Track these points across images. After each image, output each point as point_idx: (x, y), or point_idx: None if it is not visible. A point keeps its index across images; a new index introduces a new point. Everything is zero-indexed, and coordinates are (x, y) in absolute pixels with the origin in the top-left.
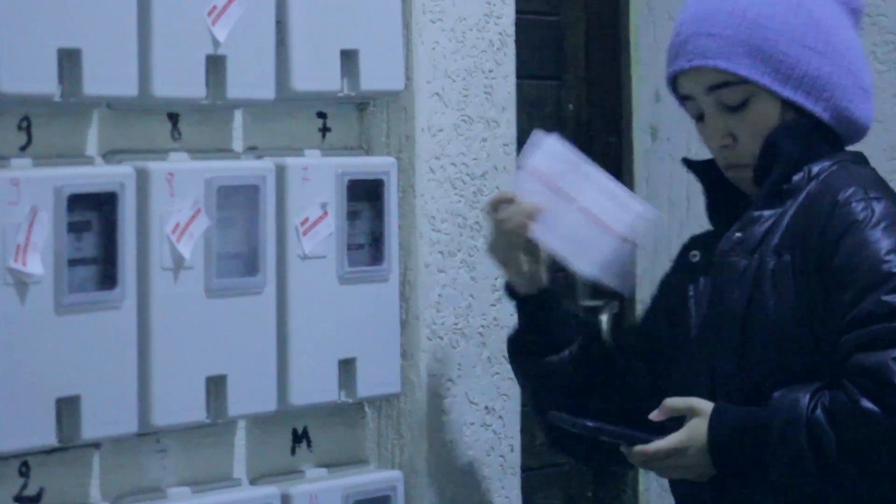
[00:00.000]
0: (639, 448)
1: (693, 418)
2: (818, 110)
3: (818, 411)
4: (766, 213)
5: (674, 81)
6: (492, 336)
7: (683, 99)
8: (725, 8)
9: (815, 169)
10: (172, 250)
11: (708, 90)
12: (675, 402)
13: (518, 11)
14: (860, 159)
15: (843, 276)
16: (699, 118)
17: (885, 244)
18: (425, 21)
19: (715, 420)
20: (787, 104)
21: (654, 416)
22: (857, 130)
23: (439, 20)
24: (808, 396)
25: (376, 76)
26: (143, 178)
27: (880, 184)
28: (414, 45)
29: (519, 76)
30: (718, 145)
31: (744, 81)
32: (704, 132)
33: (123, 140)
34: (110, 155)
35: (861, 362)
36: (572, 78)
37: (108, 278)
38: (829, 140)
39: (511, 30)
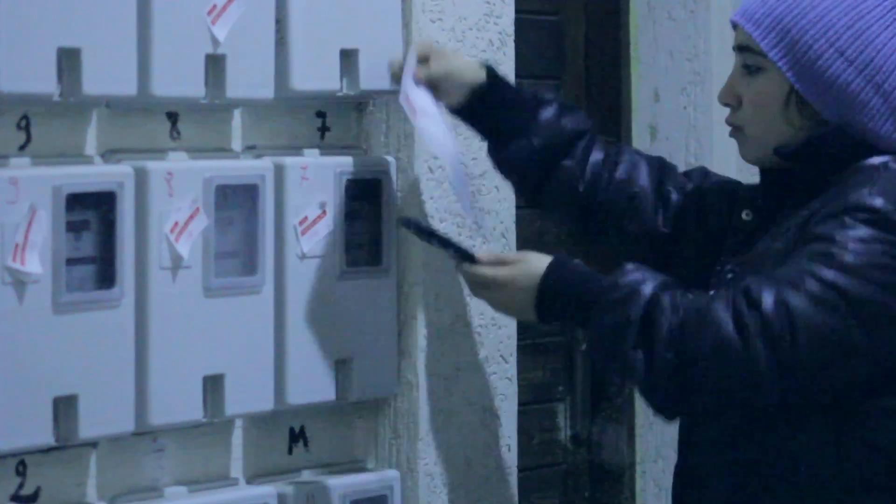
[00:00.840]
0: (465, 266)
1: (528, 259)
2: (828, 115)
3: (666, 294)
4: (799, 210)
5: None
6: (489, 336)
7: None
8: None
9: (858, 167)
10: (171, 249)
11: (738, 48)
12: (502, 255)
13: (517, 11)
14: None
15: (803, 244)
16: None
17: (849, 234)
18: (425, 20)
19: (554, 265)
20: (796, 94)
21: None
22: (884, 147)
23: (439, 20)
24: (659, 279)
25: (376, 75)
26: (141, 177)
27: None
28: (413, 44)
29: (518, 75)
30: (722, 102)
31: (764, 54)
32: None
33: (122, 139)
34: (109, 154)
35: (747, 284)
36: (571, 77)
37: (106, 277)
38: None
39: (510, 29)
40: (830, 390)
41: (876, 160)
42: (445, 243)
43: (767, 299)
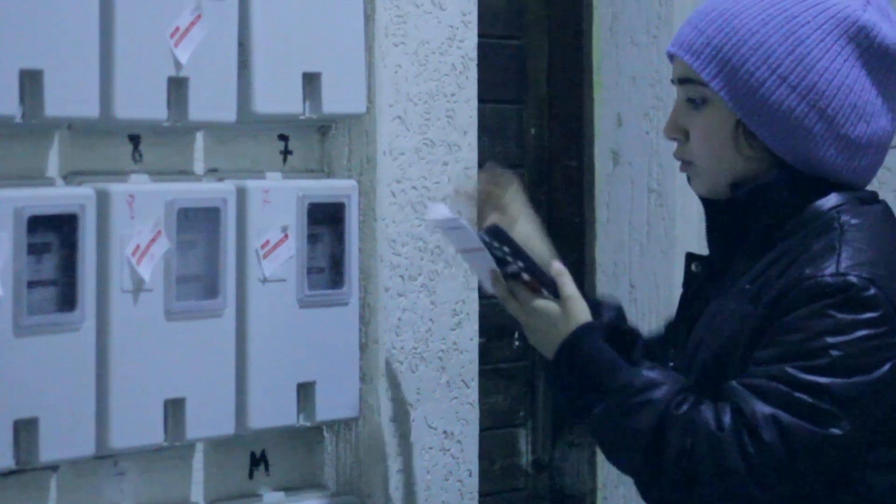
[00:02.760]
0: (511, 283)
1: (570, 305)
2: (772, 143)
3: (680, 407)
4: (752, 263)
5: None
6: (451, 360)
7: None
8: (721, 8)
9: (810, 214)
10: (132, 272)
11: (678, 81)
12: (563, 282)
13: (481, 35)
14: (866, 200)
15: (779, 333)
16: None
17: (825, 324)
18: (388, 44)
19: (579, 333)
20: (743, 124)
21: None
22: (840, 182)
23: (402, 44)
24: (674, 384)
25: (338, 99)
26: (103, 199)
27: (873, 243)
28: (376, 68)
29: (481, 100)
30: (668, 136)
31: (706, 85)
32: None
33: (84, 162)
34: (71, 176)
35: (753, 407)
36: (534, 102)
37: (67, 300)
38: (824, 189)
39: (473, 54)
40: (827, 485)
41: (826, 204)
42: (528, 266)
43: (767, 427)
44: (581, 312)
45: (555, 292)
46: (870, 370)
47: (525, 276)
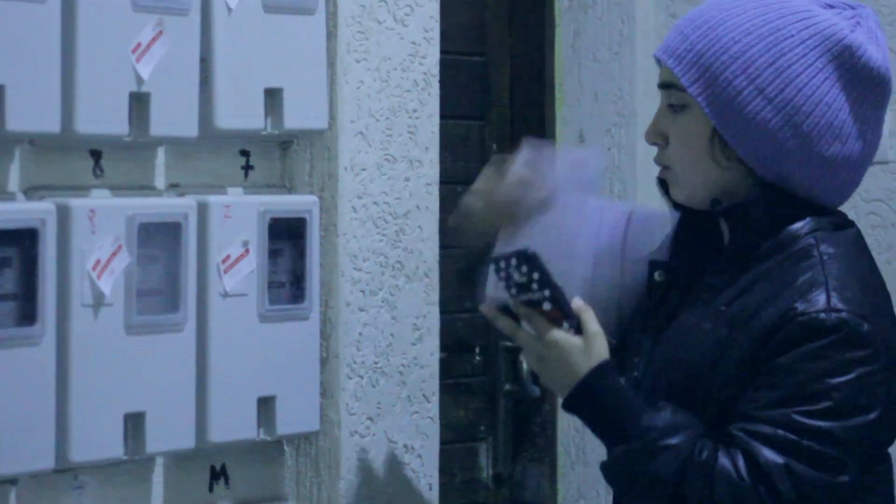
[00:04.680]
0: (529, 310)
1: (592, 345)
2: (746, 155)
3: (701, 455)
4: (727, 283)
5: None
6: (412, 375)
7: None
8: (706, 15)
9: (786, 237)
10: (93, 287)
11: (662, 85)
12: (588, 318)
13: (443, 51)
14: (840, 225)
15: (778, 374)
16: None
17: (824, 366)
18: (350, 60)
19: (600, 372)
20: (719, 135)
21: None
22: (812, 200)
23: (364, 59)
24: (689, 428)
25: (300, 115)
26: (64, 214)
27: (853, 269)
28: (338, 84)
29: (443, 116)
30: (649, 141)
31: (685, 89)
32: None
33: (45, 176)
34: (32, 191)
35: (766, 458)
36: (496, 118)
37: (27, 314)
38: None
39: (435, 70)
40: None
41: (802, 228)
42: (556, 294)
43: (781, 479)
44: (603, 351)
45: (577, 327)
46: (868, 409)
47: (546, 307)
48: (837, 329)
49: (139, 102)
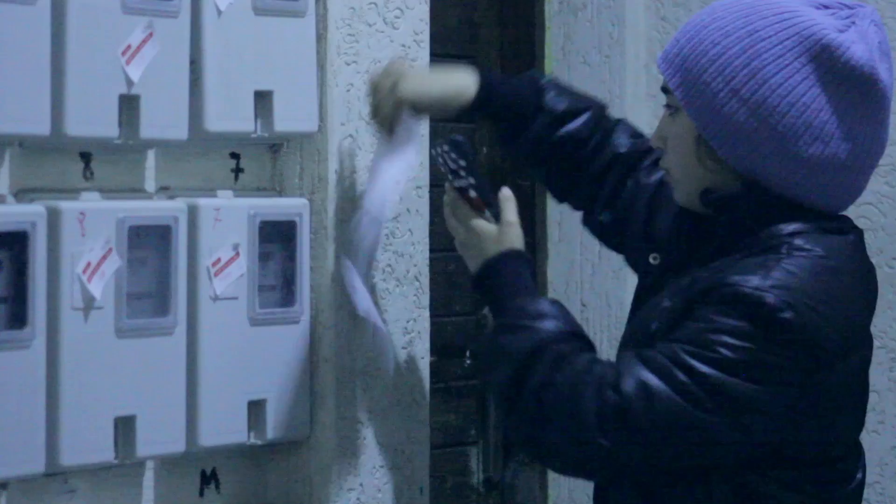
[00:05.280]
0: (455, 196)
1: (505, 230)
2: (727, 157)
3: (558, 345)
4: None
5: None
6: (402, 379)
7: None
8: (696, 19)
9: (767, 235)
10: (83, 290)
11: (661, 89)
12: (507, 207)
13: (433, 54)
14: (831, 230)
15: (687, 322)
16: None
17: (726, 325)
18: (340, 63)
19: (500, 257)
20: (703, 136)
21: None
22: (801, 203)
23: (354, 62)
24: (566, 325)
25: (290, 117)
26: (54, 217)
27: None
28: (328, 86)
29: (433, 119)
30: (653, 146)
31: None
32: None
33: (35, 179)
34: (22, 194)
35: (627, 365)
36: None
37: (17, 318)
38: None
39: None
40: (683, 471)
41: (786, 228)
42: (479, 183)
43: (630, 381)
44: (515, 240)
45: (497, 216)
46: (759, 382)
47: (472, 194)
48: (755, 305)
49: (129, 105)
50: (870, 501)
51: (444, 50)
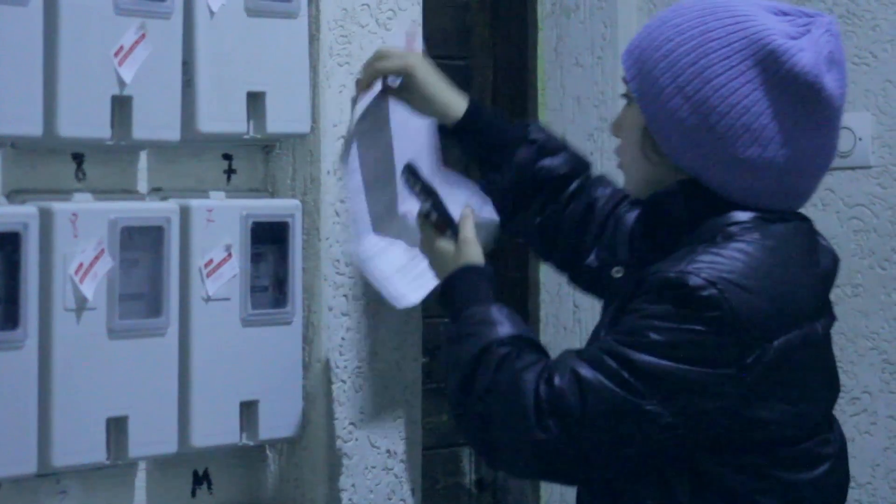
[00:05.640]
0: (422, 220)
1: (463, 247)
2: (669, 152)
3: (502, 347)
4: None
5: None
6: (394, 380)
7: None
8: (659, 16)
9: (706, 226)
10: (75, 291)
11: (622, 79)
12: (462, 225)
13: (426, 55)
14: (772, 220)
15: (622, 320)
16: None
17: (654, 310)
18: (333, 64)
19: (460, 272)
20: (647, 129)
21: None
22: (736, 198)
23: (346, 63)
24: (512, 329)
25: (282, 118)
26: (46, 218)
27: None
28: (321, 87)
29: None
30: (612, 133)
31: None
32: None
33: (27, 180)
34: (14, 195)
35: (558, 357)
36: None
37: (10, 318)
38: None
39: None
40: (631, 462)
41: (725, 220)
42: (437, 204)
43: (564, 374)
44: (472, 256)
45: (457, 233)
46: (689, 362)
47: (433, 216)
48: (678, 287)
49: (121, 106)
50: (861, 502)
51: (436, 51)
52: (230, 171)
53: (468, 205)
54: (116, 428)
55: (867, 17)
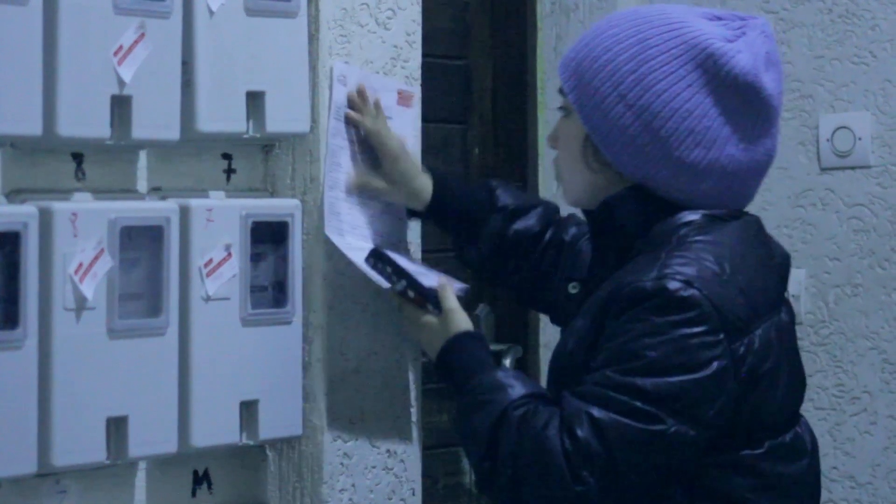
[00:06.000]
0: (400, 301)
1: (450, 318)
2: (613, 160)
3: (519, 409)
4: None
5: None
6: (394, 379)
7: None
8: (593, 30)
9: (658, 229)
10: (75, 291)
11: (559, 91)
12: (443, 296)
13: (425, 55)
14: (722, 217)
15: (605, 342)
16: None
17: (641, 327)
18: (332, 64)
19: (453, 341)
20: (590, 138)
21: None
22: (682, 202)
23: (346, 63)
24: (523, 389)
25: (282, 118)
26: (46, 218)
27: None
28: (320, 87)
29: (425, 119)
30: (548, 146)
31: (567, 96)
32: None
33: (27, 179)
34: (14, 194)
35: (569, 409)
36: (478, 122)
37: (9, 318)
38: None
39: (418, 73)
40: (664, 483)
41: (676, 221)
42: (411, 283)
43: (582, 422)
44: (460, 323)
45: (439, 306)
46: (691, 369)
47: (410, 294)
48: (657, 294)
49: (121, 105)
50: (862, 502)
51: (435, 51)
52: (230, 171)
53: (441, 275)
54: (116, 428)
55: (866, 16)
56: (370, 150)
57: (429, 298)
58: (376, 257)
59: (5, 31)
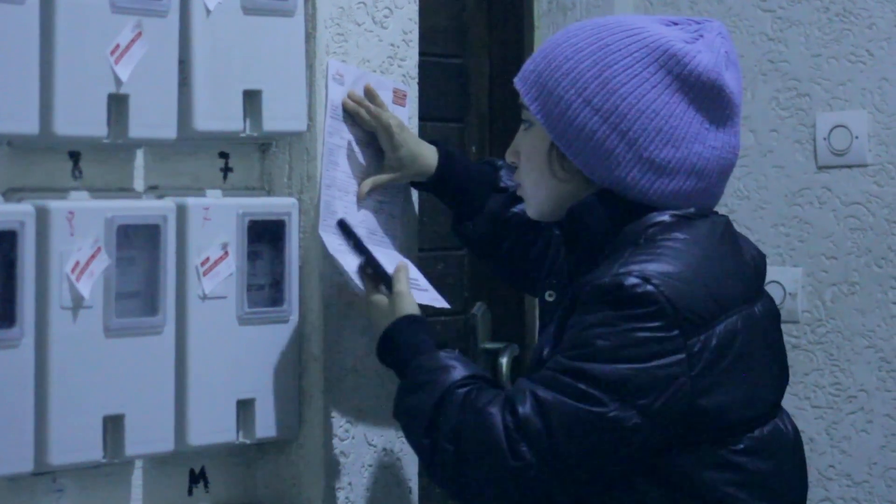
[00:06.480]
0: (357, 283)
1: (397, 300)
2: (582, 165)
3: (462, 389)
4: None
5: None
6: (391, 378)
7: None
8: (552, 39)
9: (627, 231)
10: (72, 289)
11: (518, 104)
12: (396, 278)
13: (422, 54)
14: (691, 217)
15: (565, 337)
16: None
17: (594, 319)
18: (328, 62)
19: (398, 323)
20: (556, 148)
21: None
22: (651, 203)
23: (343, 61)
24: (465, 371)
25: (279, 117)
26: (43, 216)
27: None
28: (317, 86)
29: (422, 118)
30: (508, 160)
31: (528, 107)
32: None
33: (24, 178)
34: (10, 193)
35: (515, 386)
36: (475, 120)
37: (6, 317)
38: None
39: (415, 72)
40: (605, 472)
41: (644, 222)
42: (370, 260)
43: (525, 400)
44: (405, 307)
45: (390, 287)
46: (640, 359)
47: (369, 271)
48: (614, 290)
49: (118, 104)
50: (858, 500)
51: (432, 49)
52: (227, 170)
53: (404, 260)
54: (113, 426)
55: (864, 14)
56: (368, 146)
57: (383, 278)
58: (343, 228)
59: (2, 30)
